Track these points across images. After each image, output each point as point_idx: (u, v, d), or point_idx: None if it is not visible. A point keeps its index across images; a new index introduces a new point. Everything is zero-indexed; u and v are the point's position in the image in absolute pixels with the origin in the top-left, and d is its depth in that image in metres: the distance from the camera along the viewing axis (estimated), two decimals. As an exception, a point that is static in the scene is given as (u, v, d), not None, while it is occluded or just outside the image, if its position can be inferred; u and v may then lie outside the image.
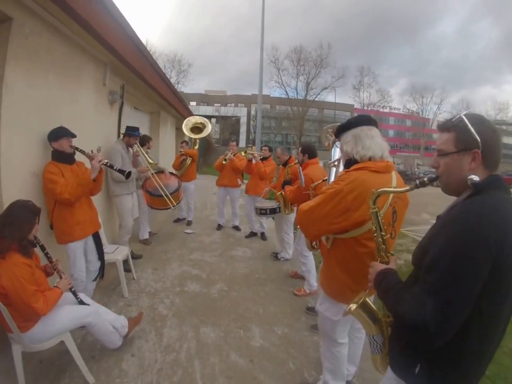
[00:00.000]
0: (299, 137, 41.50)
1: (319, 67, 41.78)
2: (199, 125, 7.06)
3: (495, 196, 1.16)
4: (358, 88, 48.28)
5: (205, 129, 7.01)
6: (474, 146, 1.18)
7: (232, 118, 45.35)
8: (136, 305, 3.53)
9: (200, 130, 7.02)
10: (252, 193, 5.93)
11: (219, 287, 4.12)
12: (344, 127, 1.99)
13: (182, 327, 3.19)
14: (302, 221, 2.01)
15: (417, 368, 1.20)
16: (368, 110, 46.33)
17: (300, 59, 41.86)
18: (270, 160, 5.97)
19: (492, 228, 1.07)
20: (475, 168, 1.20)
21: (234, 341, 3.04)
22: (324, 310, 2.14)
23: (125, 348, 2.79)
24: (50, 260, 2.40)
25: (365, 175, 1.77)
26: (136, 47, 4.36)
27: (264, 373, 2.66)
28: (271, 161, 5.96)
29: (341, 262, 1.93)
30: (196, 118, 7.32)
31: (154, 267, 4.59)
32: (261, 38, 14.85)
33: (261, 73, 15.26)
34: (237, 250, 5.55)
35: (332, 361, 2.21)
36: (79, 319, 2.44)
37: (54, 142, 2.89)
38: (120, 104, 5.02)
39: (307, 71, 42.32)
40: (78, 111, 3.57)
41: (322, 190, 1.93)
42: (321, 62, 41.51)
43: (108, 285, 3.91)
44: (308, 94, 42.86)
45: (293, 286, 4.20)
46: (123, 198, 4.43)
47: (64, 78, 3.31)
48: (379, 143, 1.88)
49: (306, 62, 41.99)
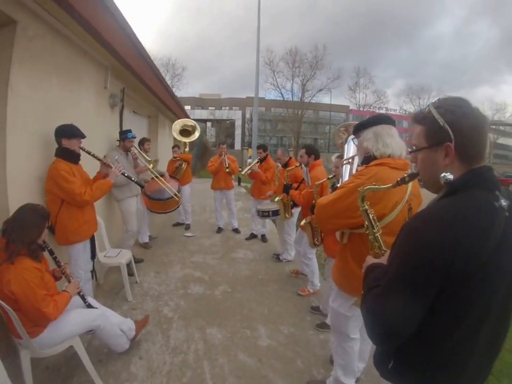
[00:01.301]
0: (296, 139, 41.45)
1: (314, 69, 41.80)
2: (187, 127, 7.05)
3: (466, 198, 1.03)
4: (354, 89, 48.18)
5: (194, 133, 7.00)
6: (445, 139, 1.05)
7: (227, 121, 45.30)
8: (141, 309, 3.52)
9: (189, 133, 7.00)
10: (257, 197, 5.92)
11: (222, 288, 4.12)
12: (365, 125, 2.01)
13: (188, 329, 3.18)
14: (320, 215, 2.02)
15: (391, 364, 1.19)
16: (364, 111, 46.27)
17: (295, 61, 41.82)
18: (268, 161, 5.90)
19: (441, 234, 0.97)
20: (449, 164, 1.07)
21: (242, 341, 3.04)
22: (337, 306, 2.16)
23: (132, 351, 2.78)
24: (59, 264, 2.39)
25: (385, 170, 1.80)
26: (137, 49, 4.37)
27: (273, 371, 2.66)
28: (269, 163, 5.88)
29: (357, 257, 1.93)
30: (183, 120, 7.30)
31: (157, 270, 4.58)
32: (257, 40, 14.96)
33: (257, 75, 15.32)
34: (237, 252, 5.55)
35: (344, 357, 2.22)
36: (88, 322, 2.42)
37: (65, 140, 2.85)
38: (120, 107, 5.02)
39: (302, 73, 42.37)
40: (80, 114, 3.56)
41: (342, 184, 1.96)
42: (316, 64, 41.49)
43: (111, 289, 3.90)
44: (303, 96, 42.86)
45: (296, 287, 4.20)
46: (126, 201, 4.41)
47: (67, 81, 3.31)
48: (398, 142, 1.92)
49: (302, 63, 42.01)
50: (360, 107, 48.31)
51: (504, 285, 1.03)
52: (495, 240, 0.99)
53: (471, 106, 1.07)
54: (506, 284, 1.03)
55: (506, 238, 1.01)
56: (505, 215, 1.01)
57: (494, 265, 0.99)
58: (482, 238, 0.98)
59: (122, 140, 4.43)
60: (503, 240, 1.00)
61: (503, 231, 1.00)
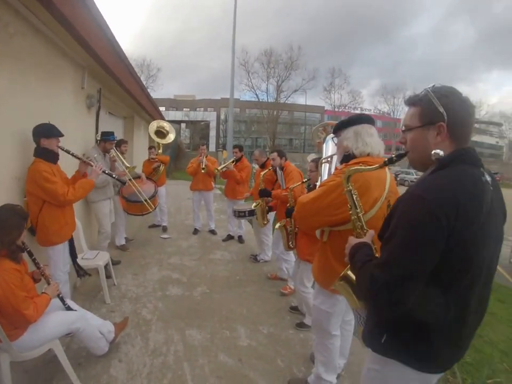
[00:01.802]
0: (272, 140, 41.64)
1: (289, 69, 42.16)
2: (161, 129, 7.03)
3: (457, 170, 1.14)
4: (329, 90, 48.79)
5: (168, 136, 6.99)
6: (439, 119, 1.16)
7: (202, 123, 45.10)
8: (119, 311, 3.49)
9: (163, 135, 6.99)
10: (231, 198, 5.99)
11: (201, 290, 4.13)
12: (345, 124, 2.06)
13: (167, 331, 3.19)
14: (301, 213, 2.06)
15: (384, 337, 1.24)
16: (339, 111, 46.96)
17: (270, 62, 42.11)
18: (243, 161, 5.96)
19: (444, 200, 1.06)
20: (440, 142, 1.18)
21: (221, 342, 3.07)
22: (319, 303, 2.21)
23: (111, 354, 2.76)
24: (38, 266, 2.35)
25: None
26: (115, 50, 4.32)
27: (254, 371, 2.71)
28: (244, 163, 5.95)
29: (337, 254, 1.95)
30: (158, 122, 7.28)
31: (134, 272, 4.55)
32: (232, 41, 14.99)
33: (232, 76, 15.35)
34: (215, 253, 5.57)
35: (325, 354, 2.29)
36: (67, 325, 2.40)
37: (44, 139, 2.79)
38: (97, 108, 4.96)
39: (277, 74, 42.65)
40: (58, 113, 3.48)
41: (323, 182, 2.00)
42: (291, 65, 41.88)
43: (89, 291, 3.84)
44: (279, 97, 43.15)
45: (274, 287, 4.27)
46: (100, 203, 4.38)
47: (46, 80, 3.25)
48: (377, 141, 1.99)
49: (277, 64, 42.27)
50: (335, 107, 48.96)
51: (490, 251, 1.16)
52: (487, 207, 1.12)
53: (462, 94, 1.20)
54: (491, 249, 1.17)
55: (493, 209, 1.15)
56: (490, 188, 1.15)
57: (486, 230, 1.12)
58: (478, 202, 1.10)
59: (104, 141, 4.39)
60: (491, 210, 1.13)
61: (491, 202, 1.14)
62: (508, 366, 3.12)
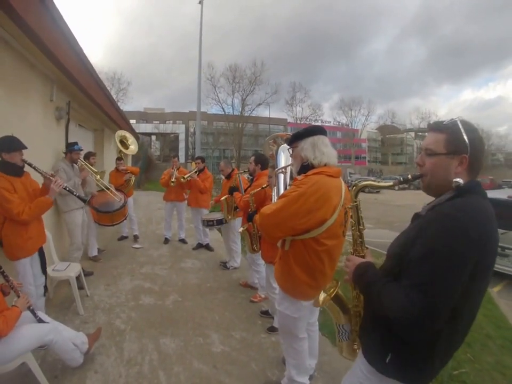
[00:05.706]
0: (238, 151, 42.51)
1: (253, 84, 43.49)
2: (124, 140, 7.09)
3: (474, 199, 1.20)
4: (291, 103, 51.33)
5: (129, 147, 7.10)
6: (463, 151, 1.21)
7: (171, 135, 45.45)
8: (93, 322, 3.48)
9: (126, 146, 7.07)
10: (194, 206, 6.14)
11: (173, 298, 4.16)
12: (301, 135, 2.12)
13: (141, 340, 3.20)
14: (265, 224, 2.06)
15: (388, 357, 1.26)
16: (301, 123, 48.87)
17: (235, 77, 43.42)
18: (205, 172, 6.16)
19: (480, 229, 1.11)
20: (460, 172, 1.23)
21: (195, 349, 3.10)
22: (284, 309, 2.23)
23: (87, 365, 2.75)
24: (7, 279, 2.32)
25: (323, 178, 1.95)
26: (83, 63, 4.34)
27: (229, 376, 2.75)
28: (206, 173, 6.16)
29: (300, 262, 2.04)
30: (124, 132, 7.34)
31: (107, 283, 4.52)
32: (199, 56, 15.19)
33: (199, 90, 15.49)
34: (186, 262, 5.61)
35: (295, 357, 2.35)
36: (40, 337, 2.37)
37: (5, 154, 2.75)
38: (66, 120, 4.94)
39: (242, 88, 43.93)
40: (26, 126, 3.48)
41: (284, 193, 2.04)
42: (255, 79, 43.26)
43: (61, 303, 3.80)
44: (244, 110, 44.33)
45: (245, 293, 4.36)
46: (72, 213, 4.34)
47: (13, 93, 3.24)
48: (332, 151, 2.09)
49: (241, 79, 43.61)
50: (297, 120, 51.46)
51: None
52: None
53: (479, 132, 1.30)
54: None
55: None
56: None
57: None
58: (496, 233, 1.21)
59: (69, 152, 4.37)
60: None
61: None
62: (471, 356, 3.24)
